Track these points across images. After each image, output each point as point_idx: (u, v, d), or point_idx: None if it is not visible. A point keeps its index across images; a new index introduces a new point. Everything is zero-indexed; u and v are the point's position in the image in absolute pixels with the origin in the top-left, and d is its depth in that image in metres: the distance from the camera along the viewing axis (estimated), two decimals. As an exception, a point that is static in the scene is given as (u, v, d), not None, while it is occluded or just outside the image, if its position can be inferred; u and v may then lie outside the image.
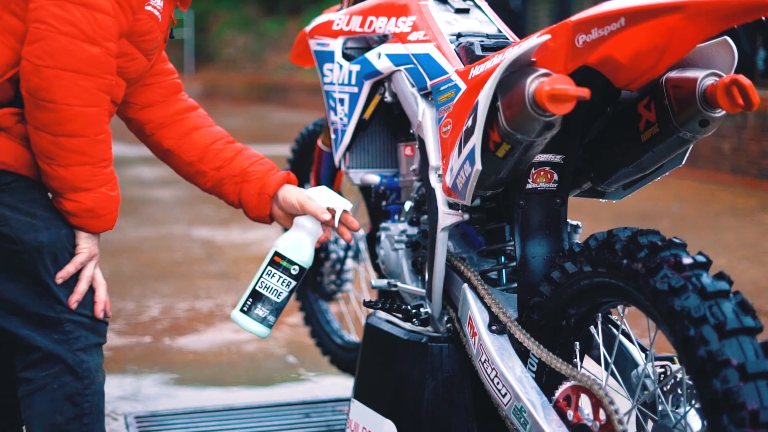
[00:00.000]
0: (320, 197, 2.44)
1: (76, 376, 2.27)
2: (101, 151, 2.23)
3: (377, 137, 2.87)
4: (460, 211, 2.38)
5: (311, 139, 3.55)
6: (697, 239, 5.95)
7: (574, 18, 1.96)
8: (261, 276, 2.38)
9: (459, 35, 2.55)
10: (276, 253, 2.39)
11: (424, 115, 2.52)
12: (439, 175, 2.43)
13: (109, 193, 2.28)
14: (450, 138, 2.34)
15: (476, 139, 2.06)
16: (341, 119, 2.82)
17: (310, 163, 3.63)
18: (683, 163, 2.20)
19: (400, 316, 2.60)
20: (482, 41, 2.47)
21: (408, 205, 2.68)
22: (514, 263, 2.41)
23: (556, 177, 2.27)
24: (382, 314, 2.73)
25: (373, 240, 2.88)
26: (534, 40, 1.99)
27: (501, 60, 2.08)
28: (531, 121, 1.97)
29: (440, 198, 2.41)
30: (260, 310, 2.38)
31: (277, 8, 25.25)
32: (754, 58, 14.15)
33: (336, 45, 2.85)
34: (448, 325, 2.47)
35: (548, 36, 1.97)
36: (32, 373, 2.28)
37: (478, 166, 2.08)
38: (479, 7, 2.69)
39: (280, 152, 5.22)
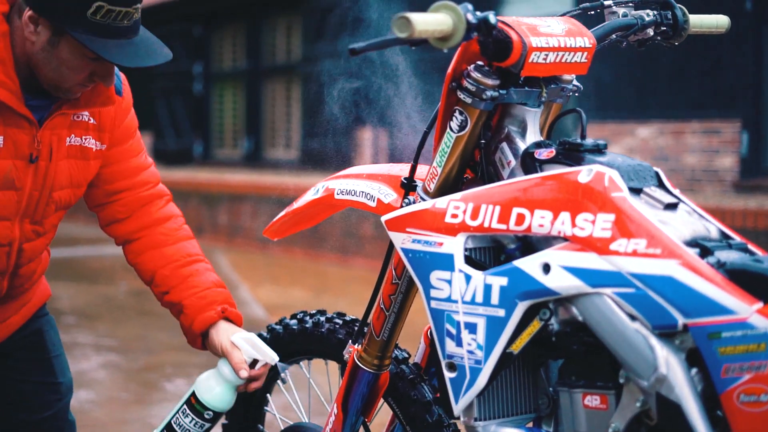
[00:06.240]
0: (246, 347, 2.41)
1: None
2: None
3: (516, 374, 2.04)
4: None
5: (292, 341, 2.62)
6: None
7: None
8: (176, 412, 2.44)
9: (699, 245, 1.81)
10: (193, 394, 2.42)
11: (670, 367, 1.74)
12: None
13: None
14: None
15: None
16: (471, 352, 1.97)
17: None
18: None
19: None
20: None
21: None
22: None
23: None
24: None
25: None
26: None
27: None
28: None
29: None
30: None
31: None
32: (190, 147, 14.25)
33: (455, 245, 1.99)
34: None
35: None
36: None
37: None
38: (678, 197, 1.96)
39: None
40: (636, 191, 1.93)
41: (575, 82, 2.17)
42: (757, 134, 8.09)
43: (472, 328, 1.97)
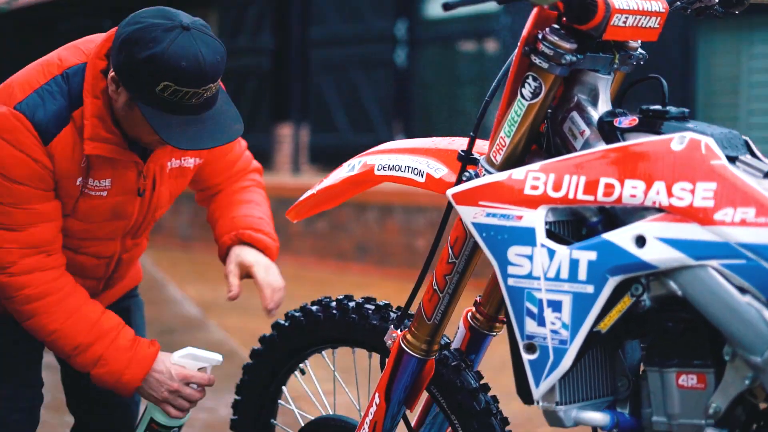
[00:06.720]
0: (189, 362, 2.44)
1: None
2: None
3: (594, 356, 1.94)
4: None
5: (316, 329, 2.46)
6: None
7: None
8: None
9: (808, 215, 1.73)
10: (152, 420, 2.45)
11: (789, 344, 1.65)
12: None
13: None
14: None
15: None
16: (555, 332, 1.86)
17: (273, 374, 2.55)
18: None
19: None
20: None
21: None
22: None
23: None
24: None
25: None
26: None
27: None
28: None
29: None
30: None
31: None
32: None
33: (536, 218, 1.88)
34: None
35: None
36: None
37: None
38: (770, 166, 1.88)
39: None
40: (731, 159, 1.84)
41: (641, 50, 2.08)
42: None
43: (556, 306, 1.85)
